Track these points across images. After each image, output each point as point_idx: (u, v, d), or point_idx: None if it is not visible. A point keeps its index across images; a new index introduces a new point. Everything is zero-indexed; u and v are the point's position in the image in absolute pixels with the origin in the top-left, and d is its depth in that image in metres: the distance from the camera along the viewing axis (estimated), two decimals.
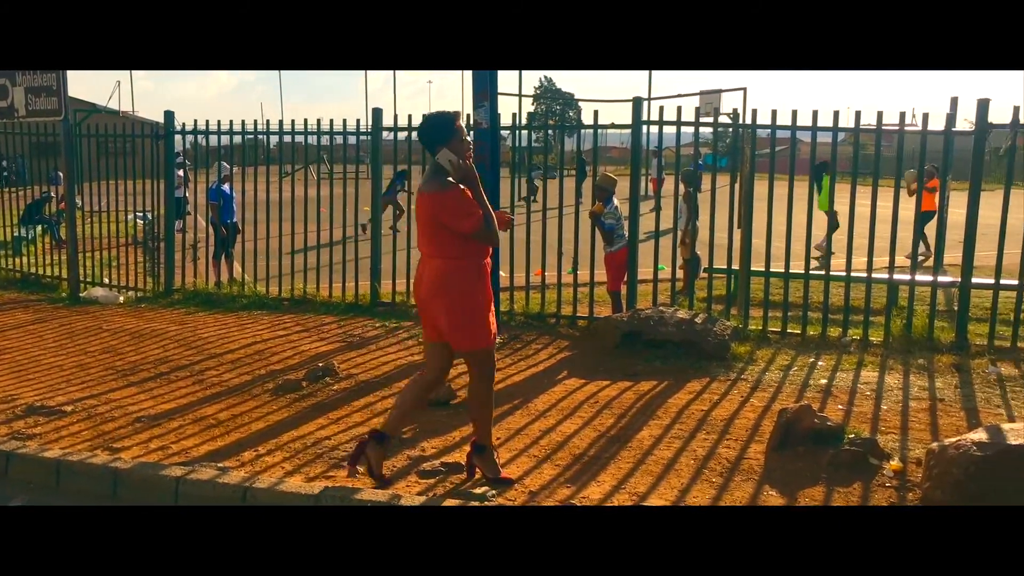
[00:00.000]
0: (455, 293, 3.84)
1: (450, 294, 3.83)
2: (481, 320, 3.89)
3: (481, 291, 3.88)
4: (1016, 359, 6.35)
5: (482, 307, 3.89)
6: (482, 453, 4.11)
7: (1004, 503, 3.63)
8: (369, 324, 7.73)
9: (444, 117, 3.88)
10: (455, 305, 3.84)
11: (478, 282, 3.87)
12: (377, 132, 8.34)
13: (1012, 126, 6.34)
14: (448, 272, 3.84)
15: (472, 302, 3.86)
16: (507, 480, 4.10)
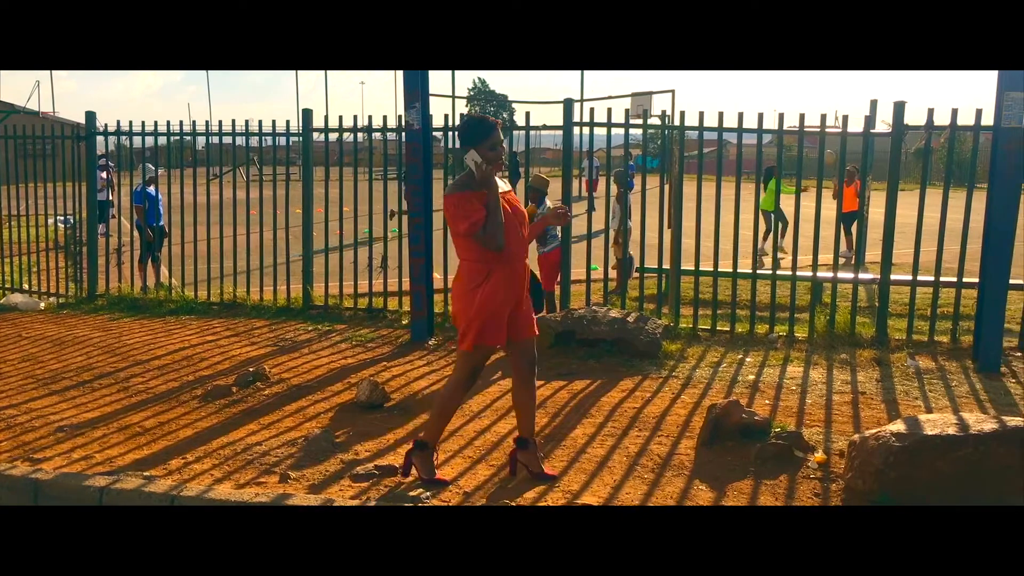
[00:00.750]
0: (462, 292, 3.92)
1: (458, 292, 3.94)
2: (473, 321, 3.89)
3: (482, 294, 3.86)
4: (933, 352, 6.60)
5: (482, 310, 3.86)
6: (422, 450, 4.09)
7: (921, 491, 3.78)
8: (301, 328, 7.63)
9: (480, 121, 3.94)
10: (460, 303, 3.94)
11: (484, 285, 3.86)
12: (307, 133, 8.25)
13: (927, 127, 6.58)
14: (461, 271, 3.96)
15: (468, 302, 3.89)
16: (441, 481, 4.09)
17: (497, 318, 3.90)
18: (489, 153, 3.81)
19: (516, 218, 3.93)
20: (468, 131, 3.88)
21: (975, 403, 5.40)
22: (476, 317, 3.88)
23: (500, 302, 3.88)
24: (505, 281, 3.88)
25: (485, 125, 3.88)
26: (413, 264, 7.14)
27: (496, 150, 3.83)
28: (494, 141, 3.83)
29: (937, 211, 6.65)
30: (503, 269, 3.88)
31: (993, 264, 6.08)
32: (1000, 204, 5.99)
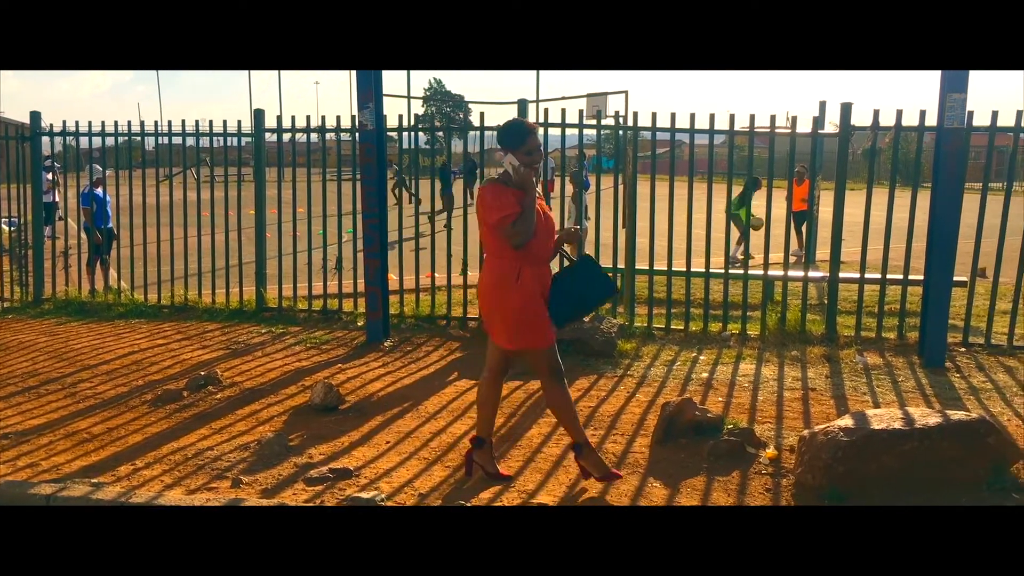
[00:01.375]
0: (492, 290, 3.91)
1: (488, 291, 3.93)
2: (519, 321, 3.88)
3: (518, 294, 3.84)
4: (881, 348, 6.74)
5: (519, 308, 3.86)
6: (579, 452, 4.07)
7: (869, 484, 3.86)
8: (255, 330, 7.54)
9: (520, 125, 3.92)
10: (490, 302, 3.94)
11: (514, 284, 3.84)
12: (260, 133, 8.15)
13: (873, 128, 6.72)
14: (490, 269, 3.93)
15: (505, 303, 3.87)
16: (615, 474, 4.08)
17: (543, 318, 3.90)
18: (526, 157, 3.81)
19: (547, 223, 3.93)
20: (507, 135, 3.86)
21: (921, 398, 5.52)
22: (529, 319, 3.87)
23: (538, 301, 3.89)
24: (535, 280, 3.88)
25: (523, 130, 3.87)
26: (368, 265, 7.09)
27: (532, 155, 3.83)
28: (531, 146, 3.82)
29: (884, 210, 6.79)
30: (532, 269, 3.87)
31: (937, 262, 6.23)
32: (943, 203, 6.14)
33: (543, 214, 3.93)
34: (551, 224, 4.01)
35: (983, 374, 6.05)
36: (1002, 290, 7.38)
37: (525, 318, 3.87)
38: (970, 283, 6.87)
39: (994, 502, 3.80)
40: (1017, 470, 4.08)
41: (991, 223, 6.60)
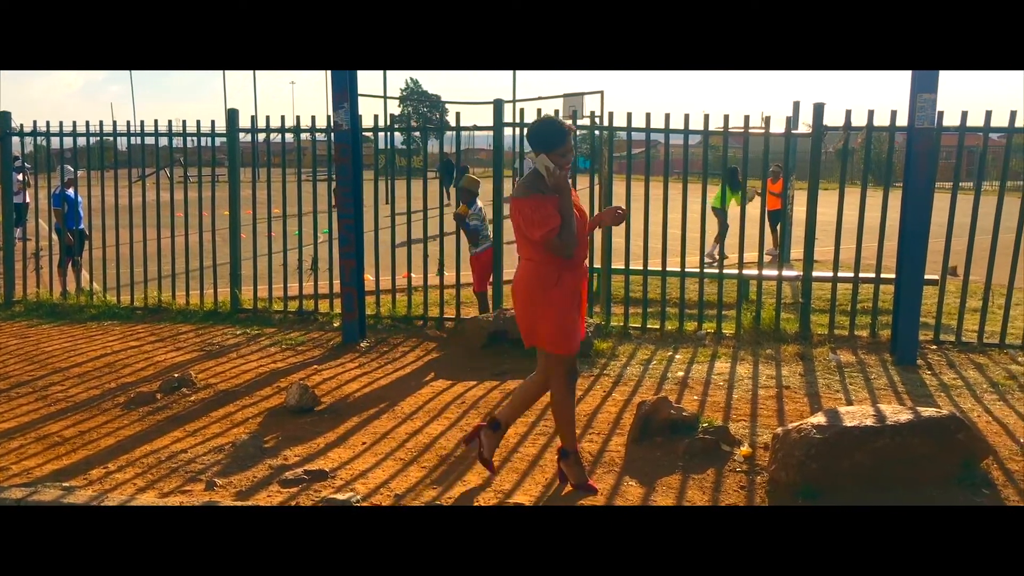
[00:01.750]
0: (530, 294, 3.88)
1: (526, 294, 3.90)
2: (555, 324, 3.84)
3: (558, 296, 3.81)
4: (854, 346, 6.80)
5: (557, 312, 3.82)
6: (566, 458, 4.06)
7: (842, 481, 3.90)
8: (229, 332, 7.49)
9: (555, 126, 3.83)
10: (528, 306, 3.91)
11: (555, 287, 3.81)
12: (233, 133, 8.09)
13: (845, 128, 6.79)
14: (527, 274, 3.88)
15: (545, 305, 3.83)
16: (592, 488, 4.03)
17: (577, 323, 3.91)
18: (561, 159, 3.74)
19: (582, 223, 3.86)
20: (542, 136, 3.76)
21: (893, 395, 5.58)
22: (564, 325, 3.85)
23: (573, 306, 3.88)
24: (574, 285, 3.86)
25: (560, 132, 3.76)
26: (344, 266, 7.07)
27: (567, 156, 3.75)
28: (567, 148, 3.76)
29: (857, 209, 6.85)
30: (572, 272, 3.84)
31: (908, 261, 6.30)
32: (914, 202, 6.21)
33: (578, 211, 3.86)
34: (585, 221, 3.94)
35: (954, 371, 6.13)
36: (973, 288, 7.47)
37: (562, 322, 3.84)
38: (941, 281, 6.95)
39: (964, 497, 3.85)
40: (987, 466, 4.14)
41: (962, 222, 6.69)
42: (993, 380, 5.88)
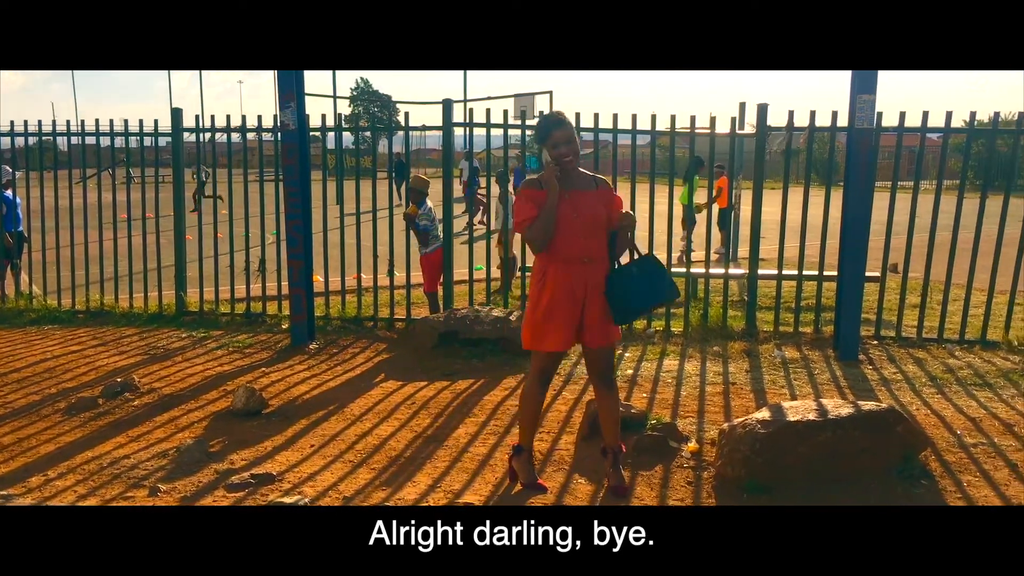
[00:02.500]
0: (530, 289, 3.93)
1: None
2: (526, 318, 3.88)
3: (535, 291, 3.82)
4: (798, 343, 6.93)
5: (531, 306, 3.84)
6: (519, 455, 4.06)
7: (786, 474, 3.97)
8: (175, 335, 7.35)
9: (543, 119, 3.88)
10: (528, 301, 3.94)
11: (538, 282, 3.81)
12: (177, 133, 7.94)
13: (788, 128, 6.92)
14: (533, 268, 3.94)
15: (532, 300, 3.86)
16: (541, 487, 4.04)
17: (551, 322, 3.77)
18: (552, 152, 3.73)
19: (579, 221, 3.72)
20: (536, 131, 3.87)
21: (836, 390, 5.70)
22: (528, 320, 3.85)
23: (556, 303, 3.76)
24: (561, 283, 3.75)
25: (545, 123, 3.80)
26: (292, 267, 6.99)
27: (559, 148, 3.71)
28: (555, 140, 3.72)
29: (800, 208, 6.98)
30: (558, 270, 3.77)
31: (850, 258, 6.44)
32: (855, 201, 6.35)
33: (576, 211, 3.72)
34: (589, 220, 3.73)
35: (894, 366, 6.28)
36: (912, 285, 7.67)
37: (531, 318, 3.83)
38: (881, 279, 7.11)
39: (904, 489, 3.95)
40: (925, 457, 4.25)
41: (901, 220, 6.86)
42: (931, 374, 6.04)
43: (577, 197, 3.75)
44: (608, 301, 3.76)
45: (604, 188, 3.85)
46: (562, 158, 3.71)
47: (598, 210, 3.76)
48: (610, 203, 3.82)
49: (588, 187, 3.81)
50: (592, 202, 3.77)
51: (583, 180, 3.82)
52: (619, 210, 3.82)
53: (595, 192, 3.81)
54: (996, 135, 7.26)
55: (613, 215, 3.79)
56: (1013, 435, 4.71)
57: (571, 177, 3.76)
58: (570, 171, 3.75)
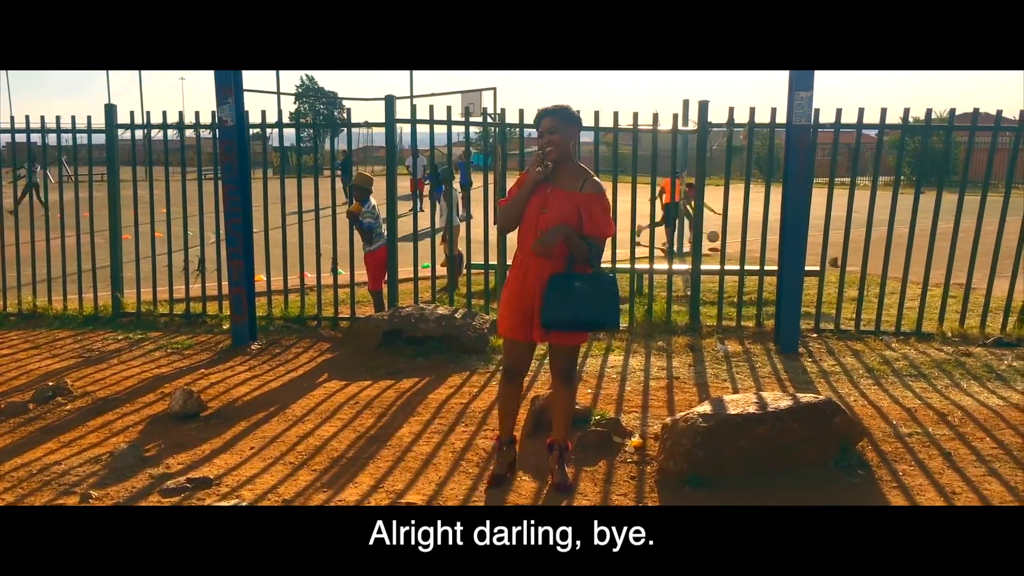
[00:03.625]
0: None
1: None
2: (500, 304, 3.90)
3: (512, 281, 3.82)
4: (741, 337, 7.02)
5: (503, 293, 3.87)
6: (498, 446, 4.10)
7: (727, 467, 4.01)
8: (111, 337, 7.16)
9: (543, 108, 3.78)
10: None
11: (512, 274, 3.84)
12: (112, 130, 7.72)
13: (728, 125, 6.99)
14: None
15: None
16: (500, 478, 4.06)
17: (507, 307, 3.81)
18: (539, 140, 3.74)
19: (544, 217, 3.65)
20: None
21: (776, 382, 5.78)
22: (504, 302, 3.85)
23: (511, 292, 3.81)
24: (519, 273, 3.78)
25: (540, 112, 3.76)
26: (232, 266, 6.85)
27: (542, 137, 3.69)
28: (541, 129, 3.71)
29: (742, 204, 7.07)
30: (518, 260, 3.80)
31: (789, 253, 6.54)
32: (794, 196, 6.44)
33: (546, 205, 3.67)
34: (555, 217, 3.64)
35: (833, 358, 6.40)
36: (850, 278, 7.82)
37: (502, 303, 3.88)
38: (820, 272, 7.24)
39: (841, 479, 4.02)
40: (862, 448, 4.33)
41: (840, 215, 6.98)
42: (869, 366, 6.16)
43: (554, 193, 3.69)
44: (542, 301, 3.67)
45: (589, 191, 3.69)
46: (544, 147, 3.69)
47: (568, 211, 3.65)
48: (587, 208, 3.66)
49: (571, 187, 3.70)
50: (566, 202, 3.67)
51: (572, 177, 3.72)
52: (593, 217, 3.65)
53: (576, 194, 3.68)
54: (930, 132, 7.43)
55: (584, 221, 3.66)
56: (946, 424, 4.83)
57: (558, 171, 3.70)
58: (559, 165, 3.70)
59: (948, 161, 7.82)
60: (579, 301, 3.63)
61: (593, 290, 3.66)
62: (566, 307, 3.63)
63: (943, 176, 7.76)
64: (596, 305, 3.66)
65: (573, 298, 3.63)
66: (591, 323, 3.72)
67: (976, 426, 4.80)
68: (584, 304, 3.64)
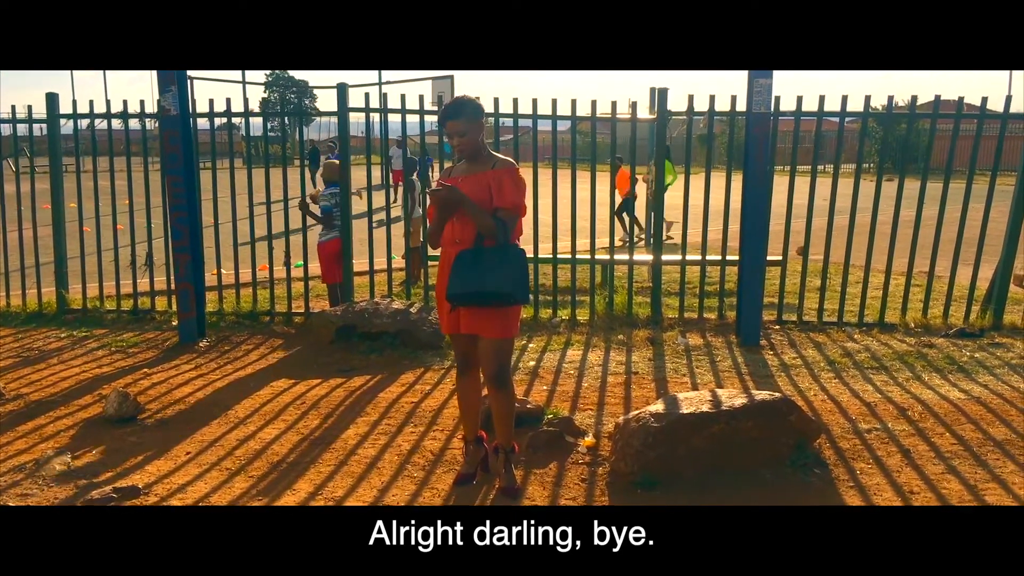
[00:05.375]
0: None
1: None
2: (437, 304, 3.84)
3: (439, 275, 3.75)
4: (702, 329, 6.90)
5: (437, 290, 3.79)
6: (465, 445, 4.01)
7: (679, 467, 3.87)
8: (53, 335, 6.90)
9: (443, 110, 3.66)
10: None
11: (439, 269, 3.75)
12: (53, 120, 7.43)
13: (687, 113, 6.85)
14: None
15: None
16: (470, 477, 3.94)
17: (438, 302, 3.79)
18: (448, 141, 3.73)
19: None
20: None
21: (736, 376, 5.66)
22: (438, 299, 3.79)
23: (438, 285, 3.75)
24: (443, 265, 3.70)
25: (441, 115, 3.68)
26: (178, 260, 6.61)
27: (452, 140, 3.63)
28: (448, 131, 3.64)
29: (703, 193, 6.93)
30: (442, 253, 3.73)
31: (750, 244, 6.41)
32: (754, 185, 6.32)
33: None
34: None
35: (794, 350, 6.29)
36: (813, 267, 7.73)
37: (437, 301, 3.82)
38: (783, 262, 7.12)
39: (796, 478, 3.89)
40: (819, 445, 4.21)
41: (801, 203, 6.87)
42: (830, 358, 6.06)
43: (465, 182, 3.61)
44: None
45: (499, 168, 3.61)
46: (456, 149, 3.66)
47: (478, 191, 3.57)
48: (496, 182, 3.58)
49: (481, 169, 3.62)
50: (476, 183, 3.59)
51: (482, 162, 3.64)
52: (503, 189, 3.57)
53: (485, 173, 3.61)
54: (894, 120, 7.33)
55: (493, 195, 3.57)
56: (906, 419, 4.73)
57: (471, 161, 3.66)
58: (471, 159, 3.65)
59: (908, 149, 7.73)
60: (485, 272, 3.51)
61: (500, 261, 3.53)
62: (471, 278, 3.51)
63: (906, 164, 7.67)
64: (503, 276, 3.51)
65: (478, 268, 3.52)
66: (497, 295, 3.54)
67: (936, 421, 4.70)
68: (491, 275, 3.51)
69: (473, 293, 3.52)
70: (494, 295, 3.53)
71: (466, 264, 3.53)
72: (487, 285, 3.49)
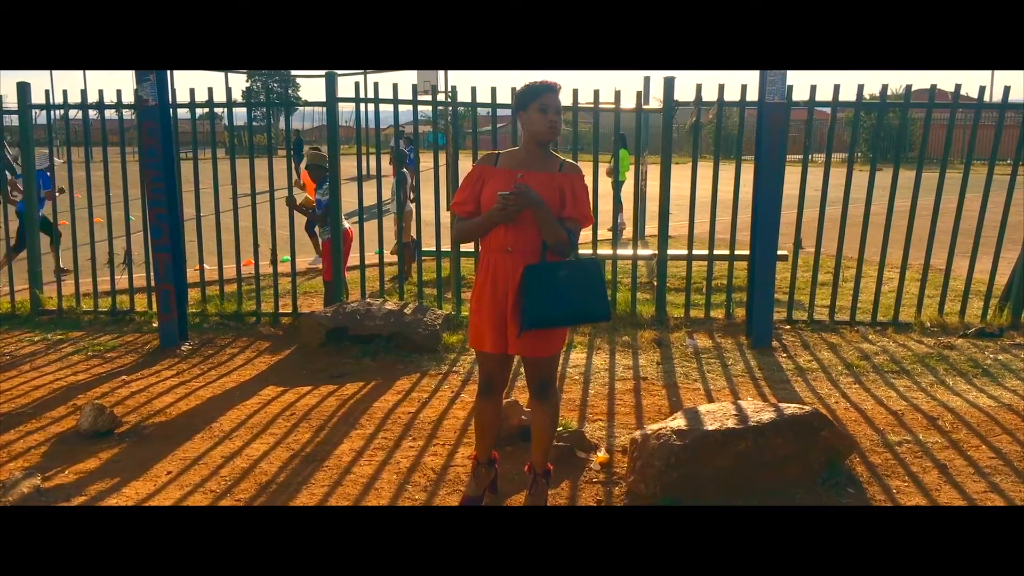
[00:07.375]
0: None
1: None
2: (470, 314, 3.36)
3: (476, 283, 3.31)
4: (710, 329, 6.60)
5: (472, 300, 3.34)
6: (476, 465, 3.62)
7: (703, 488, 3.58)
8: (26, 338, 6.52)
9: (536, 84, 3.20)
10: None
11: (478, 277, 3.30)
12: (25, 110, 7.02)
13: (696, 103, 6.53)
14: None
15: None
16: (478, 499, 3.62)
17: (478, 315, 3.28)
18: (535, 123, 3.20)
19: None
20: (521, 95, 3.22)
21: (751, 381, 5.36)
22: (473, 308, 3.33)
23: (478, 298, 3.28)
24: (486, 275, 3.25)
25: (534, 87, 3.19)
26: (157, 260, 6.25)
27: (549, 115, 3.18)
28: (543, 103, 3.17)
29: (710, 184, 6.62)
30: (485, 260, 3.28)
31: (762, 239, 6.11)
32: (766, 177, 6.01)
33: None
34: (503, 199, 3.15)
35: (808, 352, 6.00)
36: (824, 262, 7.44)
37: (472, 312, 3.34)
38: (793, 258, 6.83)
39: (829, 498, 3.61)
40: (851, 462, 3.92)
41: (812, 195, 6.57)
42: (847, 361, 5.77)
43: (530, 180, 3.16)
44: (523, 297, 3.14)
45: (571, 172, 3.22)
46: (554, 127, 3.17)
47: (549, 194, 3.15)
48: (570, 188, 3.19)
49: (548, 168, 3.21)
50: (545, 184, 3.16)
51: (544, 159, 3.23)
52: (579, 199, 3.19)
53: (555, 175, 3.20)
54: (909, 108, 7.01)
55: (567, 203, 3.17)
56: (937, 430, 4.44)
57: (535, 154, 3.23)
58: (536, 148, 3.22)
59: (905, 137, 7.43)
60: (566, 292, 3.13)
61: (580, 279, 3.18)
62: (554, 300, 3.10)
63: (921, 155, 7.38)
64: (585, 295, 3.18)
65: (559, 289, 3.12)
66: (582, 315, 3.26)
67: (969, 431, 4.42)
68: (573, 295, 3.15)
69: (560, 316, 3.14)
70: (582, 316, 3.27)
71: (543, 283, 3.11)
72: (573, 306, 3.14)
